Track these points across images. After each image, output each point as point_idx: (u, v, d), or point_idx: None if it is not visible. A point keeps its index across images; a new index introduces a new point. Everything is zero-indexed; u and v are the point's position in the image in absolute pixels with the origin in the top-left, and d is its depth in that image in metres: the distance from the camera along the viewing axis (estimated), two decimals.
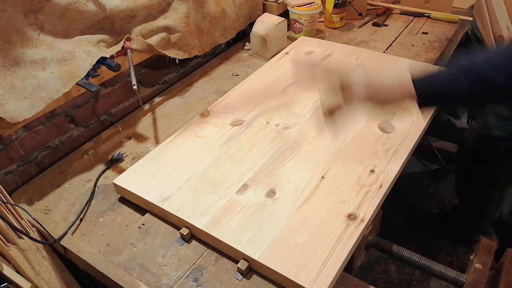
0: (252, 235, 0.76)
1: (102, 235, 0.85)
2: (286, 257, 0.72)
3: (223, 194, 0.85)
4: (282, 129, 1.02)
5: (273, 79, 1.21)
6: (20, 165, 0.97)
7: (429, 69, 0.77)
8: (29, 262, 0.80)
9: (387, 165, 0.89)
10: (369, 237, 0.87)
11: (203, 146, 0.98)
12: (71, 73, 0.93)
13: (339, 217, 0.79)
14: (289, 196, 0.84)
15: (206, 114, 1.09)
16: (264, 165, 0.91)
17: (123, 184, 0.89)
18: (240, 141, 0.99)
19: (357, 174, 0.88)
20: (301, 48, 1.37)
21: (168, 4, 1.15)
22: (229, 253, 0.78)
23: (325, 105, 0.82)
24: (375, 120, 1.02)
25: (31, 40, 0.90)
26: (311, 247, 0.74)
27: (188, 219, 0.80)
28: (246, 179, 0.88)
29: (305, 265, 0.71)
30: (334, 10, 1.52)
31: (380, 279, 1.52)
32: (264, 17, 1.39)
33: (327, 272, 0.70)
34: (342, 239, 0.75)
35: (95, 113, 1.12)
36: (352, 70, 0.81)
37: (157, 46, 1.12)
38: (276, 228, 0.77)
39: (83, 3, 0.95)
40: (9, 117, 0.84)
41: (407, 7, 1.63)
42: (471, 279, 0.78)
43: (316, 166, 0.90)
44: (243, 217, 0.80)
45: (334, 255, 0.72)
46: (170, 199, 0.84)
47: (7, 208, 0.78)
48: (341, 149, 0.95)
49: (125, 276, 0.75)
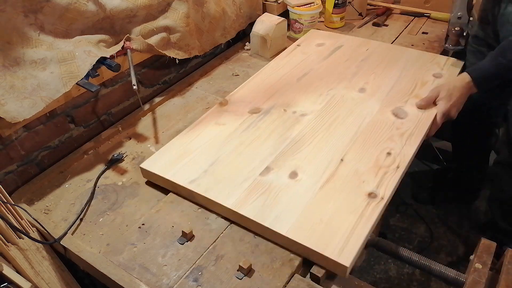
0: (278, 213, 0.80)
1: (102, 235, 0.85)
2: (312, 232, 0.76)
3: (247, 176, 0.88)
4: (300, 115, 1.05)
5: (286, 70, 1.25)
6: (20, 165, 0.97)
7: (468, 68, 1.09)
8: (29, 262, 0.80)
9: (403, 148, 0.94)
10: (369, 237, 0.87)
11: (224, 133, 1.01)
12: (71, 73, 0.93)
13: (360, 195, 0.83)
14: (311, 177, 0.87)
15: (224, 103, 1.12)
16: (284, 149, 0.95)
17: (151, 168, 0.92)
18: (260, 128, 1.02)
19: (374, 157, 0.92)
20: (312, 41, 1.40)
21: (168, 4, 1.15)
22: (257, 230, 0.81)
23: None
24: (388, 107, 1.07)
25: (31, 40, 0.90)
26: (335, 223, 0.77)
27: (216, 199, 0.83)
28: (268, 162, 0.92)
29: (331, 239, 0.74)
30: (334, 10, 1.52)
31: (380, 279, 1.52)
32: (264, 17, 1.39)
33: (352, 245, 0.73)
34: (364, 215, 0.79)
35: (95, 113, 1.12)
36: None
37: (157, 46, 1.12)
38: (301, 207, 0.81)
39: (83, 3, 0.95)
40: (9, 117, 0.84)
41: (407, 7, 1.63)
42: (471, 279, 0.78)
43: (335, 150, 0.94)
44: (268, 197, 0.84)
45: (358, 230, 0.76)
46: (196, 181, 0.88)
47: (7, 208, 0.78)
48: (358, 134, 0.99)
49: (125, 276, 0.75)
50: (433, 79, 1.16)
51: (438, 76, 1.17)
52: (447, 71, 1.19)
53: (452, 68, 1.21)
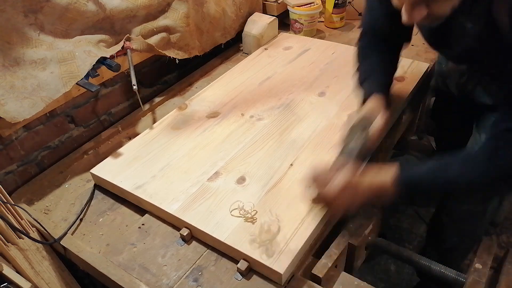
0: (220, 218, 0.80)
1: (102, 235, 0.85)
2: (252, 238, 0.76)
3: (195, 182, 0.88)
4: (256, 120, 1.06)
5: (250, 74, 1.25)
6: (20, 165, 0.97)
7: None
8: (29, 262, 0.80)
9: None
10: (369, 237, 0.87)
11: (179, 137, 1.01)
12: (71, 73, 0.93)
13: (304, 201, 0.82)
14: (258, 182, 0.88)
15: (183, 107, 1.12)
16: (236, 154, 0.95)
17: (100, 174, 0.92)
18: (215, 132, 1.02)
19: (325, 161, 0.90)
20: (280, 44, 1.40)
21: (168, 4, 1.15)
22: (199, 236, 0.81)
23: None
24: (346, 111, 1.05)
25: (31, 40, 0.90)
26: (275, 229, 0.77)
27: (159, 205, 0.83)
28: (218, 167, 0.92)
29: (269, 246, 0.74)
30: (334, 10, 1.52)
31: (380, 279, 1.52)
32: (255, 17, 1.41)
33: (289, 252, 0.73)
34: (305, 221, 0.78)
35: (95, 113, 1.12)
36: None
37: (157, 46, 1.12)
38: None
39: (83, 3, 0.95)
40: (9, 117, 0.84)
41: None
42: (471, 279, 0.78)
43: (286, 154, 0.94)
44: (212, 202, 0.83)
45: (297, 236, 0.76)
46: (143, 187, 0.88)
47: (7, 208, 0.78)
48: (311, 138, 0.98)
49: (125, 276, 0.75)
50: (394, 82, 1.14)
51: (400, 80, 1.15)
52: (410, 74, 1.18)
53: (416, 71, 1.20)
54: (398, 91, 1.11)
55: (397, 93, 1.10)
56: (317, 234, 0.80)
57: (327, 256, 0.77)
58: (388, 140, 1.07)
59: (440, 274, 0.84)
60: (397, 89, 1.12)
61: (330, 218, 0.84)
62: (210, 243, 0.80)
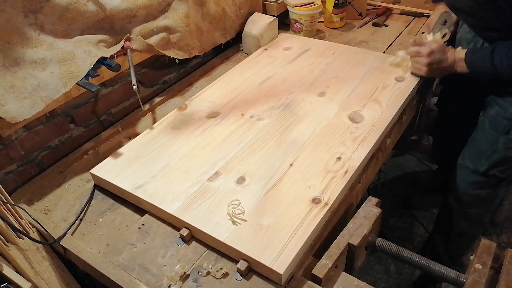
0: (220, 218, 0.80)
1: (102, 235, 0.85)
2: (251, 238, 0.76)
3: (195, 182, 0.88)
4: (256, 120, 1.05)
5: (250, 74, 1.25)
6: (20, 165, 0.97)
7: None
8: (29, 262, 0.80)
9: (353, 153, 0.93)
10: (369, 237, 0.87)
11: (179, 137, 1.01)
12: (71, 73, 0.93)
13: (304, 201, 0.82)
14: (258, 182, 0.87)
15: (183, 108, 1.12)
16: (236, 154, 0.95)
17: (100, 174, 0.92)
18: (215, 132, 1.02)
19: (324, 161, 0.91)
20: (280, 45, 1.40)
21: (168, 4, 1.15)
22: (199, 236, 0.81)
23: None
24: (345, 111, 1.06)
25: (31, 40, 0.90)
26: (275, 229, 0.77)
27: (159, 205, 0.83)
28: (218, 167, 0.92)
29: (268, 245, 0.74)
30: (334, 10, 1.52)
31: (380, 279, 1.52)
32: (255, 17, 1.41)
33: (288, 252, 0.73)
34: (305, 221, 0.78)
35: (95, 113, 1.12)
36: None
37: (157, 46, 1.12)
38: (243, 212, 0.81)
39: (83, 3, 0.95)
40: (9, 117, 0.84)
41: (407, 7, 1.63)
42: (471, 279, 0.78)
43: (286, 154, 0.94)
44: (212, 202, 0.83)
45: (296, 236, 0.76)
46: (143, 187, 0.88)
47: (7, 208, 0.78)
48: (311, 138, 0.98)
49: (125, 276, 0.75)
50: (394, 82, 1.15)
51: (400, 80, 1.16)
52: (409, 74, 1.18)
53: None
54: (398, 91, 1.12)
55: (397, 93, 1.11)
56: (317, 234, 0.80)
57: (327, 256, 0.77)
58: (388, 140, 1.08)
59: (440, 274, 0.84)
60: (397, 89, 1.13)
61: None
62: (210, 243, 0.80)
